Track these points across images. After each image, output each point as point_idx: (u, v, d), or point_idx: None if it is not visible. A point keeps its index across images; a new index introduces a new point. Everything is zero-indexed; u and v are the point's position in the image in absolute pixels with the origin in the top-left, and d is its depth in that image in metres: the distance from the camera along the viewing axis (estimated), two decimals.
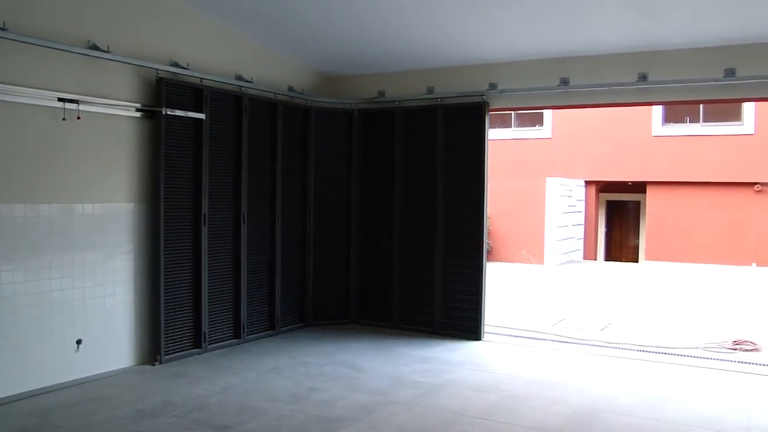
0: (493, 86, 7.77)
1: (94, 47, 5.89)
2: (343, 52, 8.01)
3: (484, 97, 7.78)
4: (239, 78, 7.42)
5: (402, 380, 6.28)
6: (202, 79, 6.95)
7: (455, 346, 7.58)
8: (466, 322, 7.95)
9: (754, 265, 17.25)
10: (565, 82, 7.42)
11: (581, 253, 19.86)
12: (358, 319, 8.65)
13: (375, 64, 8.33)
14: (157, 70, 6.52)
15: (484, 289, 7.91)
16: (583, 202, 19.89)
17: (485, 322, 7.98)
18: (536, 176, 18.27)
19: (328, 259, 8.60)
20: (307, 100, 8.38)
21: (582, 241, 19.95)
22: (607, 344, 8.06)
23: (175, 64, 6.64)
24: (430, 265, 8.15)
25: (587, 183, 19.92)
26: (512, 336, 8.21)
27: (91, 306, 6.13)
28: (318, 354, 7.17)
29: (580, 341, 8.20)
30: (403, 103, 8.27)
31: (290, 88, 8.14)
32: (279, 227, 7.99)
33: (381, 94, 8.47)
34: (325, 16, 6.94)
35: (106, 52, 5.94)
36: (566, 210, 18.46)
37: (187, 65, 6.75)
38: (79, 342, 5.95)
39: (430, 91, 8.13)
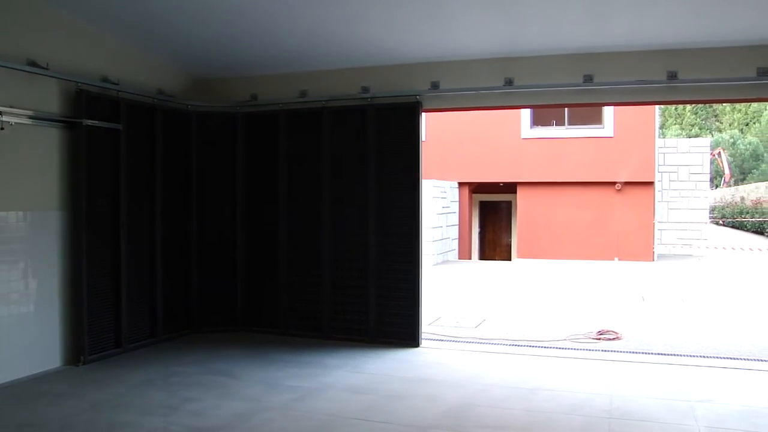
0: (365, 89, 7.84)
1: None
2: (213, 55, 7.84)
3: (415, 98, 7.66)
4: (105, 80, 7.11)
5: (278, 386, 6.22)
6: (119, 91, 7.16)
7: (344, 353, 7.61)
8: (404, 329, 7.74)
9: (616, 259, 18.32)
10: (435, 85, 7.58)
11: (456, 253, 20.37)
12: (288, 330, 8.25)
13: (247, 66, 8.20)
14: (77, 82, 6.66)
15: (421, 293, 7.72)
16: (457, 203, 20.43)
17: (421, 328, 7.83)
18: None
19: (259, 264, 8.44)
20: (239, 107, 8.41)
21: (457, 241, 20.46)
22: (481, 340, 8.32)
23: (34, 64, 6.28)
24: (364, 272, 7.86)
25: (461, 184, 20.48)
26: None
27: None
28: (193, 364, 7.00)
29: (455, 339, 8.40)
30: (330, 102, 7.95)
31: (160, 91, 7.88)
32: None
33: (254, 97, 8.35)
34: (190, 19, 6.78)
35: None
36: (441, 211, 18.86)
37: (47, 65, 6.40)
38: None
39: (303, 94, 8.10)
